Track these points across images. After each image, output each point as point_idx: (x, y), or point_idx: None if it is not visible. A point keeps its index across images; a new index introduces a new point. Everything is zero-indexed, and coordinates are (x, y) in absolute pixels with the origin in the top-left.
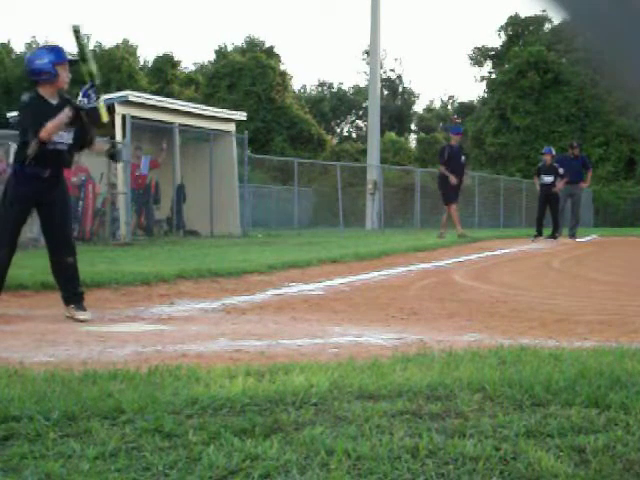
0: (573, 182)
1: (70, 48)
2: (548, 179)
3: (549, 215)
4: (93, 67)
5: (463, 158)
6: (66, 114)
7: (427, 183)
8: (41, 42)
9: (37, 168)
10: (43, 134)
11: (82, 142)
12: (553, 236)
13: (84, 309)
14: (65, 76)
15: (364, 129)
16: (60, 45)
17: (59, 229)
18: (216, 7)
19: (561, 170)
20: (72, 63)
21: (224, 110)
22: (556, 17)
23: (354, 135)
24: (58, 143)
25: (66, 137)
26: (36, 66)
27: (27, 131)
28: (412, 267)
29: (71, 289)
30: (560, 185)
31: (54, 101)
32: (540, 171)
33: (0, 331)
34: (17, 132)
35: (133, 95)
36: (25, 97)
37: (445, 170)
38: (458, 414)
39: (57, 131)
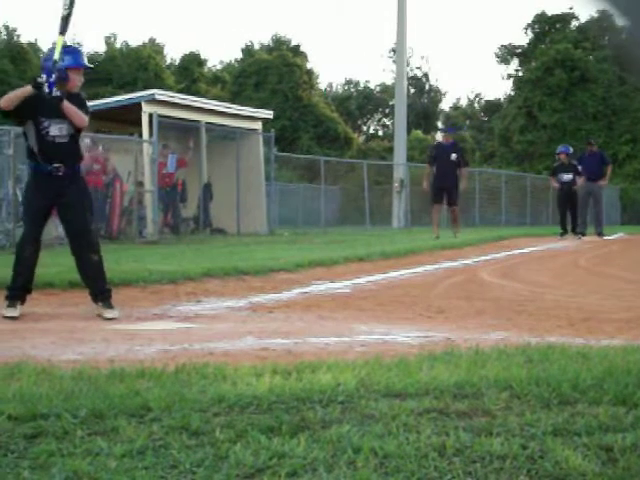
0: (592, 179)
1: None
2: (568, 177)
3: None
4: (60, 44)
5: (454, 156)
6: (26, 90)
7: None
8: (69, 41)
9: (50, 167)
10: (1, 103)
11: (75, 127)
12: (578, 233)
13: (112, 307)
14: (77, 80)
15: (390, 127)
16: (79, 48)
17: (80, 227)
18: (243, 6)
19: (579, 167)
20: (87, 68)
21: (251, 108)
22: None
23: (380, 133)
24: (57, 136)
25: (66, 129)
26: (48, 70)
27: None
28: (439, 265)
29: (98, 287)
30: (580, 182)
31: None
32: (558, 170)
33: (29, 329)
34: None
35: (160, 94)
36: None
37: (428, 170)
38: (485, 412)
39: (15, 99)
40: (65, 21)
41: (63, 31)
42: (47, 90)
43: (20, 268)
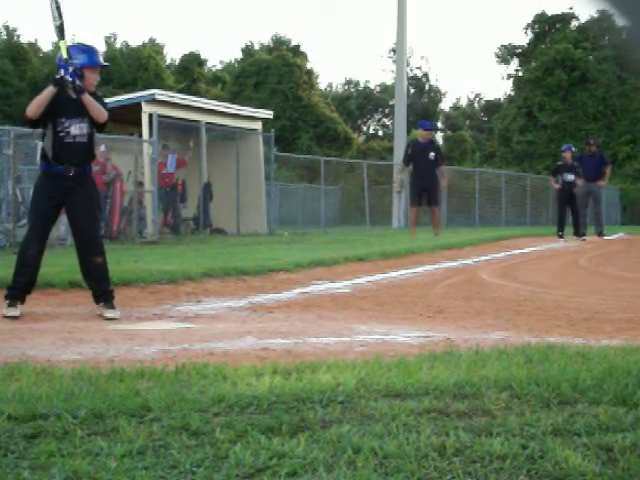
0: (592, 180)
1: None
2: (570, 177)
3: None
4: (64, 47)
5: (432, 155)
6: (49, 91)
7: (453, 181)
8: (69, 41)
9: (61, 167)
10: (27, 111)
11: (95, 121)
12: (579, 234)
13: (113, 307)
14: (93, 79)
15: (390, 127)
16: (94, 48)
17: (85, 229)
18: (243, 6)
19: (579, 168)
20: (103, 67)
21: (251, 108)
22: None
23: (380, 133)
24: (78, 136)
25: (86, 128)
26: (66, 67)
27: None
28: (439, 265)
29: (101, 289)
30: (580, 183)
31: (75, 96)
32: (561, 170)
33: (28, 329)
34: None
35: (160, 94)
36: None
37: (402, 168)
38: (485, 412)
39: (41, 104)
40: (60, 29)
41: (62, 37)
42: (70, 79)
43: (23, 268)
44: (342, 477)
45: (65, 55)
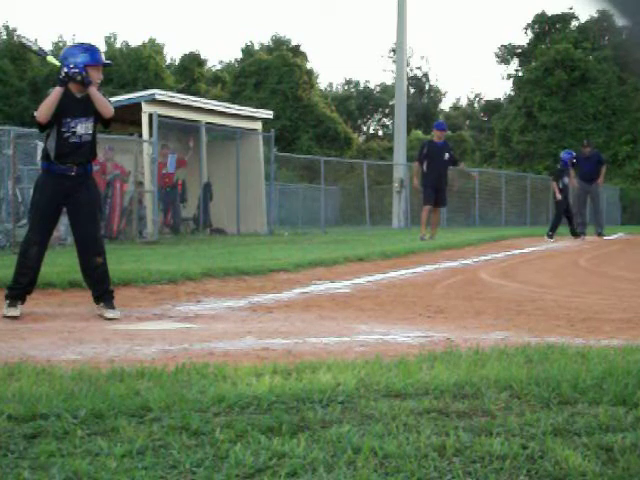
0: (589, 180)
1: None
2: (567, 181)
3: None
4: (53, 59)
5: (447, 155)
6: (57, 91)
7: (453, 181)
8: (68, 41)
9: (63, 167)
10: (38, 116)
11: (102, 117)
12: (577, 234)
13: (113, 307)
14: (96, 77)
15: (390, 127)
16: (96, 46)
17: (86, 229)
18: (243, 6)
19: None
20: (106, 66)
21: (250, 108)
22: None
23: (380, 133)
24: (84, 135)
25: (91, 127)
26: (68, 64)
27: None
28: (439, 265)
29: (102, 289)
30: (576, 184)
31: (79, 95)
32: (562, 174)
33: (28, 329)
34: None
35: (160, 94)
36: (49, 91)
37: (417, 168)
38: (485, 412)
39: (51, 107)
40: (41, 50)
41: (46, 54)
42: (77, 70)
43: (23, 268)
44: (342, 477)
45: (58, 63)
